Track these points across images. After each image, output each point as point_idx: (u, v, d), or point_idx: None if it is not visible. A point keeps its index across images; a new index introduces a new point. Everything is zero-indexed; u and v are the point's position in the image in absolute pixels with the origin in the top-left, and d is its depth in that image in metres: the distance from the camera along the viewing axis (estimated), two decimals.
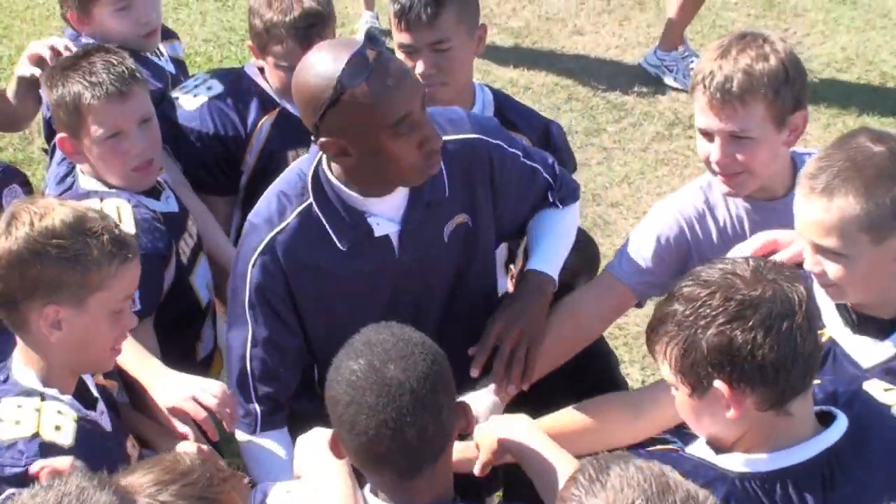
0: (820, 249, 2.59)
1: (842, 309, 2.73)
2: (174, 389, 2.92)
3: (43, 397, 2.60)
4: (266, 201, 2.99)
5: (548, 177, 3.20)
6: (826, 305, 2.74)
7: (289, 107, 3.59)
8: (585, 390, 3.17)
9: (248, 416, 3.04)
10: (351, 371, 2.33)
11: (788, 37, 7.48)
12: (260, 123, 3.67)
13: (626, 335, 5.20)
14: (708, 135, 3.03)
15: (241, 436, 3.08)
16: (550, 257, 3.20)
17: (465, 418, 2.45)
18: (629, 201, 6.12)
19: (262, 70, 3.71)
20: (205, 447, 2.82)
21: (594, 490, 1.93)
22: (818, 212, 2.55)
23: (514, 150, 3.13)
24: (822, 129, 6.59)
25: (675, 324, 2.28)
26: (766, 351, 2.20)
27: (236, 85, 3.72)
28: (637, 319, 5.08)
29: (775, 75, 2.93)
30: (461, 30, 3.42)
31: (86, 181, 3.30)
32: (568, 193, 3.27)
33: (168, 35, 4.14)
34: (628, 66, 7.30)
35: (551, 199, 3.22)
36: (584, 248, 3.65)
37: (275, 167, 3.17)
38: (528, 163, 3.16)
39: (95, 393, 2.81)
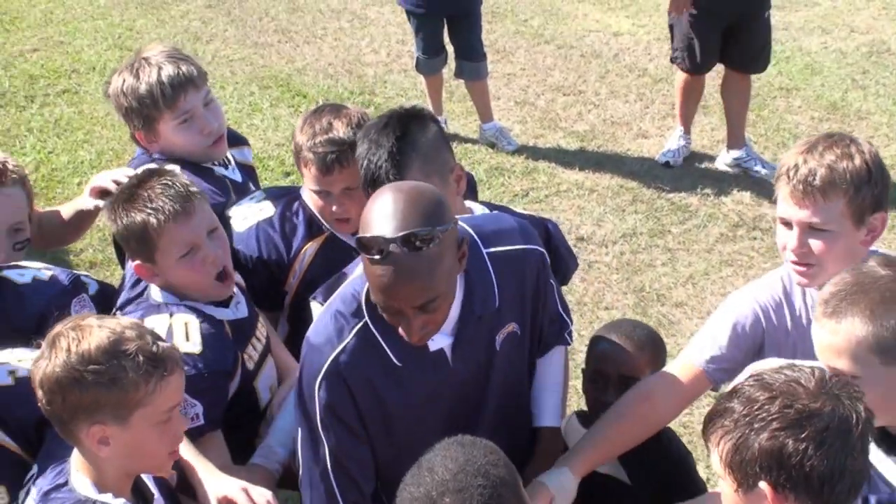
0: (837, 374, 2.60)
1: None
2: (229, 480, 3.04)
3: None
4: (323, 321, 3.03)
5: (562, 312, 3.35)
6: None
7: (335, 231, 3.65)
8: (670, 494, 3.24)
9: None
10: (412, 499, 2.39)
11: None
12: (304, 249, 3.66)
13: (690, 433, 5.19)
14: (787, 224, 3.09)
15: None
16: (562, 410, 3.41)
17: None
18: (693, 301, 6.14)
19: None
20: None
21: None
22: (828, 335, 2.60)
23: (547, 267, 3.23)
24: (887, 231, 6.58)
25: (732, 420, 2.34)
26: (815, 463, 2.25)
27: (288, 208, 3.71)
28: (702, 419, 5.06)
29: (858, 173, 2.99)
30: (433, 182, 3.12)
31: (156, 293, 3.33)
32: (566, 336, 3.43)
33: (237, 141, 4.12)
34: (693, 169, 7.36)
35: (567, 332, 3.38)
36: (654, 349, 3.65)
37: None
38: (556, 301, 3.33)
39: (153, 488, 2.87)
